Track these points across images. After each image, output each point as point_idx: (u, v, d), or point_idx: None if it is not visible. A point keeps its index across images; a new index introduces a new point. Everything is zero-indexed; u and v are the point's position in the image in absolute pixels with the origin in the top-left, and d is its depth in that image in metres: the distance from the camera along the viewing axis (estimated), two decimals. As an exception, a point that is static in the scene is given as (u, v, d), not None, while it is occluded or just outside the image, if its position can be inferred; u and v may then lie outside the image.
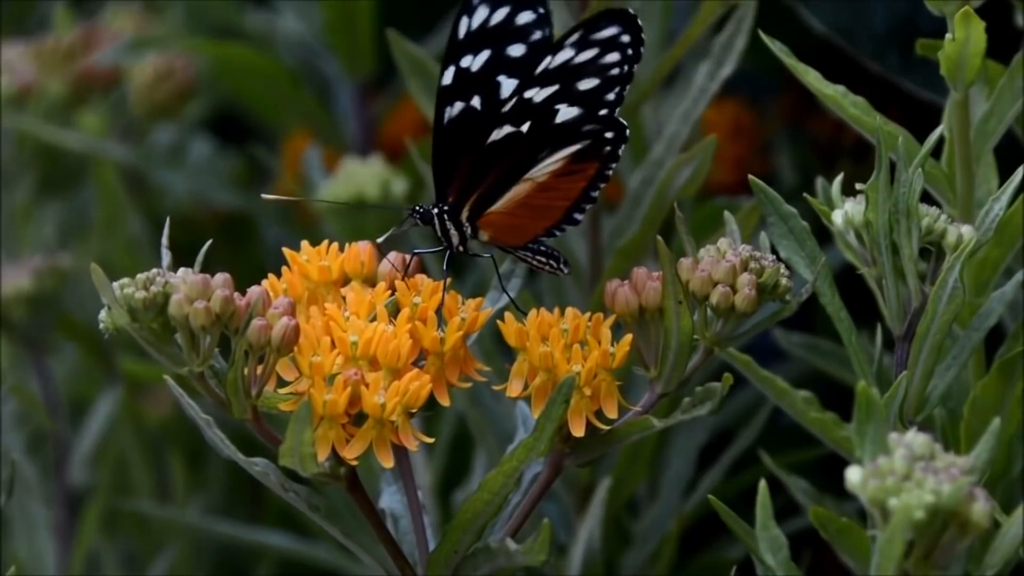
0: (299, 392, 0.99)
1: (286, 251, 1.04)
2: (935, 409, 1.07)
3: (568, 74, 1.04)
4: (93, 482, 1.61)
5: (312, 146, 1.63)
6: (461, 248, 1.06)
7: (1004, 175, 1.07)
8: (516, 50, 1.08)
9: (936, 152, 1.09)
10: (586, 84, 1.04)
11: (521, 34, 1.08)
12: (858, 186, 1.05)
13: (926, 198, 1.05)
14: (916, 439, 0.89)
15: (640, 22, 1.04)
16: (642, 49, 1.04)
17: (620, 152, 1.05)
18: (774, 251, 1.05)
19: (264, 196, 1.12)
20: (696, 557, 1.45)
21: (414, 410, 0.98)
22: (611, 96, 1.04)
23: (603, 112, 1.04)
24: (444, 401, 1.01)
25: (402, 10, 1.72)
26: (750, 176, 1.08)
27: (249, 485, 1.70)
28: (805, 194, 1.08)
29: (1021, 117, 1.11)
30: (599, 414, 1.01)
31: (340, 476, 0.99)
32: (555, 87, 1.03)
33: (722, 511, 1.02)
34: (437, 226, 1.06)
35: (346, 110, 1.75)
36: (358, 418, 0.98)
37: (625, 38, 1.04)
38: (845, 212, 1.05)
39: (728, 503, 1.02)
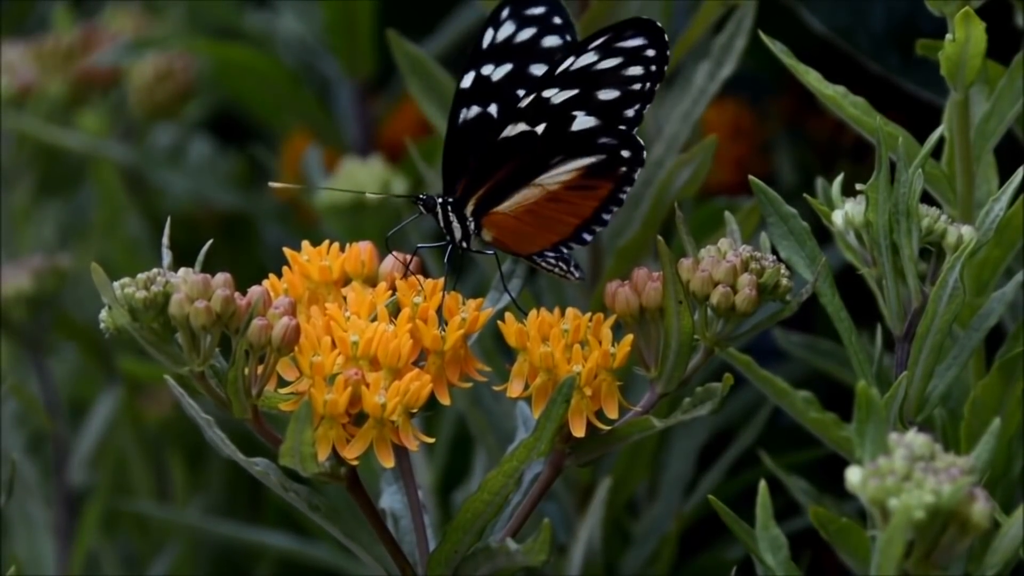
0: (300, 392, 0.99)
1: (287, 251, 1.04)
2: (935, 409, 1.07)
3: (589, 80, 1.03)
4: (93, 482, 1.61)
5: (312, 146, 1.63)
6: (464, 244, 1.06)
7: (1004, 175, 1.07)
8: (538, 69, 1.08)
9: (936, 152, 1.09)
10: (606, 94, 1.03)
11: (545, 56, 1.08)
12: (858, 186, 1.05)
13: (926, 198, 1.05)
14: (916, 439, 0.89)
15: (666, 37, 1.03)
16: (665, 67, 1.03)
17: (635, 176, 1.04)
18: (774, 251, 1.05)
19: (271, 184, 1.12)
20: (696, 557, 1.45)
21: (414, 410, 0.98)
22: (630, 112, 1.04)
23: (621, 128, 1.04)
24: (444, 401, 1.01)
25: (402, 10, 1.72)
26: (750, 176, 1.07)
27: (249, 485, 1.70)
28: (805, 194, 1.08)
29: (1021, 117, 1.11)
30: (599, 414, 1.01)
31: (340, 476, 0.99)
32: (574, 91, 1.03)
33: (722, 511, 1.02)
34: (440, 216, 1.06)
35: (346, 110, 1.74)
36: (358, 418, 0.98)
37: (650, 52, 1.03)
38: (845, 212, 1.05)
39: (728, 503, 1.02)
